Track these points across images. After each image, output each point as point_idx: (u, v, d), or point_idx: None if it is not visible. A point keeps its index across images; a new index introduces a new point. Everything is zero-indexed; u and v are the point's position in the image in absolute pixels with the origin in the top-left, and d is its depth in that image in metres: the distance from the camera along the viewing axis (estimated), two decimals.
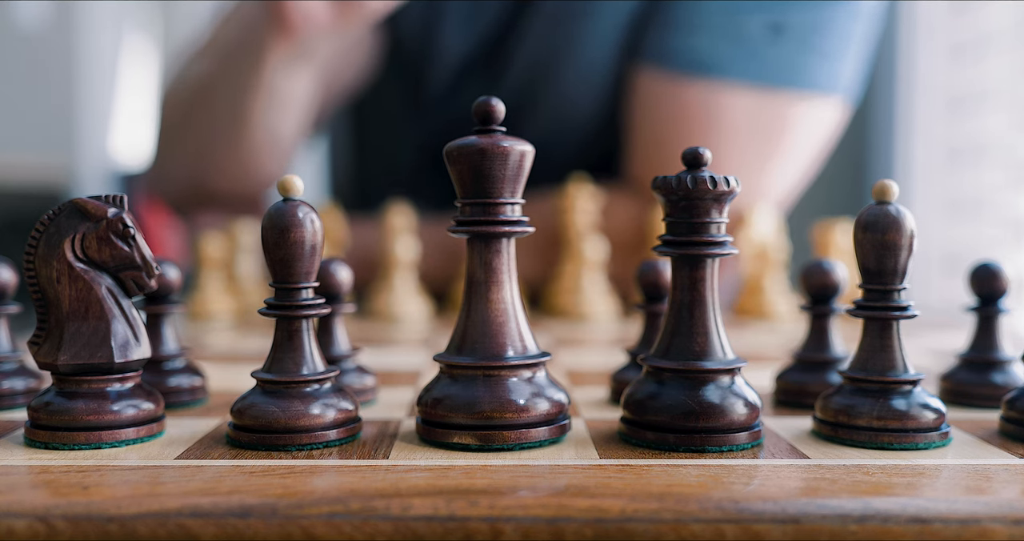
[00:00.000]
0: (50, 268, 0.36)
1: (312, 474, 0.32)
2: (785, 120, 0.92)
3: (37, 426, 0.36)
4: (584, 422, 0.41)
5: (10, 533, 0.28)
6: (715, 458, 0.35)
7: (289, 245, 0.36)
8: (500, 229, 0.37)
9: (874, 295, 0.38)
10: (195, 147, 0.97)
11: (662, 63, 0.92)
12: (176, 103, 1.00)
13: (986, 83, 1.72)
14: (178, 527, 0.28)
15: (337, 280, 0.46)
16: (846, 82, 0.94)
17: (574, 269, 0.88)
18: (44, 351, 0.37)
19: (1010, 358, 0.46)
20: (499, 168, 0.36)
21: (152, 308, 0.45)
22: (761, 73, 0.90)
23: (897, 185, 0.37)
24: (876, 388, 0.37)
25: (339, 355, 0.46)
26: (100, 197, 0.37)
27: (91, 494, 0.30)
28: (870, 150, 2.06)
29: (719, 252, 0.37)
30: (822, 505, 0.29)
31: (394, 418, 0.42)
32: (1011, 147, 1.64)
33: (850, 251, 0.86)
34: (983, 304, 0.46)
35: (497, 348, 0.37)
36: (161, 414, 0.38)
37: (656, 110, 0.93)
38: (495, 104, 0.37)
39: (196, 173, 0.99)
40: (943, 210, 1.84)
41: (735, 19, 0.89)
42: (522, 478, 0.32)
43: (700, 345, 0.37)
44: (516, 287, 0.38)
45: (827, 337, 0.47)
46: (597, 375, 0.55)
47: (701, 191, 0.36)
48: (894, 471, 0.33)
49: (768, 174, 0.93)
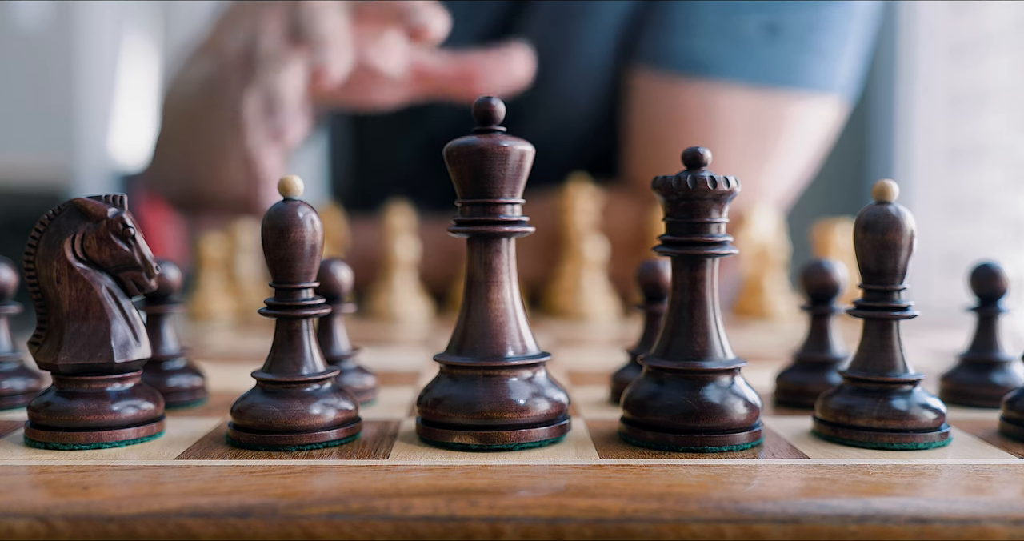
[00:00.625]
0: (50, 268, 0.36)
1: (312, 474, 0.32)
2: (783, 120, 0.92)
3: (37, 426, 0.36)
4: (584, 422, 0.41)
5: (10, 533, 0.28)
6: (715, 458, 0.35)
7: (289, 245, 0.36)
8: (500, 229, 0.37)
9: (874, 295, 0.38)
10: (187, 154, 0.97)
11: (659, 64, 0.92)
12: (177, 105, 1.00)
13: (986, 83, 1.72)
14: (178, 527, 0.28)
15: (337, 280, 0.46)
16: (843, 81, 0.94)
17: (574, 269, 0.88)
18: (44, 351, 0.37)
19: (1010, 358, 0.46)
20: (499, 168, 0.36)
21: (152, 308, 0.45)
22: (758, 73, 0.90)
23: (897, 185, 0.37)
24: (876, 388, 0.37)
25: (339, 355, 0.46)
26: (100, 197, 0.37)
27: (91, 494, 0.30)
28: (870, 150, 2.06)
29: (719, 252, 0.37)
30: (822, 505, 0.29)
31: (394, 418, 0.42)
32: (1011, 147, 1.64)
33: (850, 251, 0.86)
34: (983, 304, 0.46)
35: (497, 348, 0.37)
36: (161, 414, 0.38)
37: (654, 111, 0.93)
38: (495, 104, 0.37)
39: (195, 176, 0.99)
40: (943, 210, 1.84)
41: (732, 19, 0.89)
42: (522, 478, 0.32)
43: (700, 345, 0.37)
44: (516, 287, 0.38)
45: (827, 337, 0.47)
46: (597, 375, 0.55)
47: (701, 191, 0.36)
48: (894, 471, 0.33)
49: (767, 174, 0.93)
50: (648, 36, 0.93)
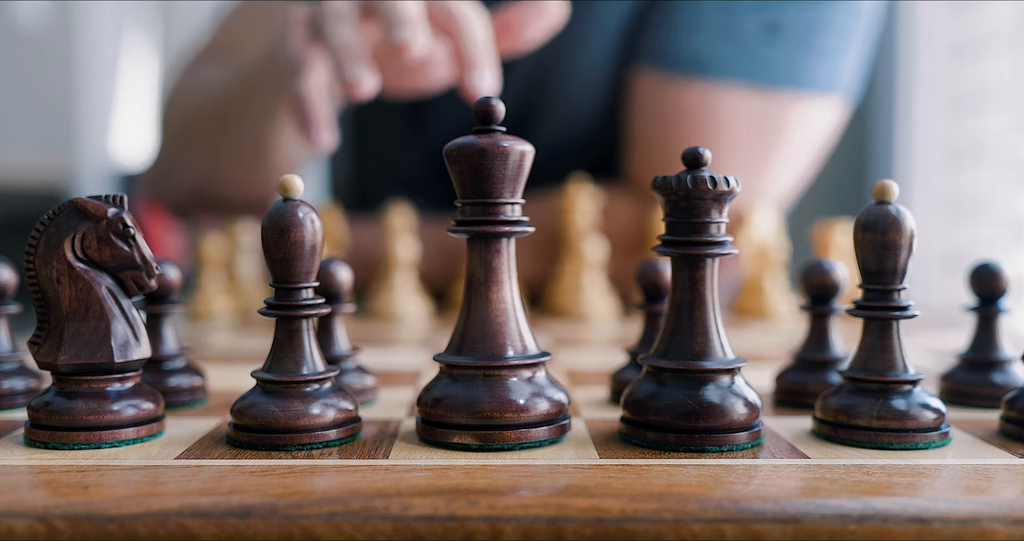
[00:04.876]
0: (50, 268, 0.36)
1: (312, 474, 0.32)
2: (784, 120, 0.92)
3: (37, 426, 0.36)
4: (584, 422, 0.41)
5: (10, 533, 0.28)
6: (715, 458, 0.35)
7: (289, 245, 0.36)
8: (500, 229, 0.37)
9: (874, 295, 0.38)
10: (209, 159, 0.97)
11: (660, 64, 0.92)
12: (186, 111, 1.00)
13: (986, 83, 1.72)
14: (178, 527, 0.28)
15: (337, 280, 0.46)
16: (845, 81, 0.94)
17: (574, 269, 0.88)
18: (44, 351, 0.37)
19: (1010, 358, 0.46)
20: (499, 168, 0.36)
21: (152, 308, 0.45)
22: (759, 73, 0.90)
23: (897, 185, 0.37)
24: (876, 388, 0.37)
25: (339, 355, 0.46)
26: (100, 197, 0.37)
27: (91, 494, 0.30)
28: (870, 150, 2.06)
29: (719, 252, 0.37)
30: (822, 505, 0.29)
31: (394, 418, 0.42)
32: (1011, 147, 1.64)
33: (850, 251, 0.86)
34: (983, 304, 0.46)
35: (497, 348, 0.37)
36: (161, 414, 0.38)
37: (655, 111, 0.93)
38: (495, 104, 0.37)
39: (207, 180, 0.99)
40: (943, 210, 1.84)
41: (733, 19, 0.89)
42: (522, 478, 0.32)
43: (700, 345, 0.37)
44: (516, 287, 0.38)
45: (827, 337, 0.47)
46: (597, 375, 0.55)
47: (701, 191, 0.36)
48: (894, 471, 0.33)
49: (767, 174, 0.93)
50: (650, 36, 0.93)
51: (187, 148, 1.01)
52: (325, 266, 0.46)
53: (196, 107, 0.98)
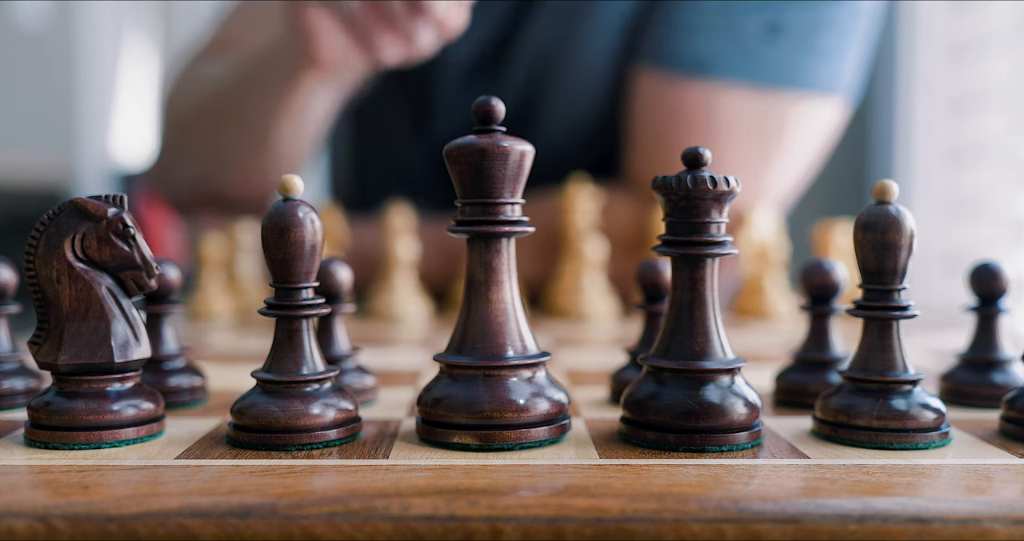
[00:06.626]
0: (50, 268, 0.36)
1: (312, 474, 0.32)
2: (784, 120, 0.92)
3: (37, 426, 0.36)
4: (584, 422, 0.41)
5: (10, 533, 0.28)
6: (715, 458, 0.35)
7: (289, 245, 0.36)
8: (500, 229, 0.37)
9: (874, 295, 0.38)
10: (211, 154, 0.97)
11: (661, 63, 0.92)
12: (188, 107, 1.00)
13: (986, 83, 1.72)
14: (178, 527, 0.28)
15: (337, 280, 0.46)
16: (846, 82, 0.94)
17: (574, 269, 0.88)
18: (44, 351, 0.37)
19: (1010, 358, 0.46)
20: (499, 168, 0.36)
21: (152, 308, 0.45)
22: (760, 73, 0.90)
23: (897, 185, 0.37)
24: (876, 388, 0.37)
25: (339, 355, 0.46)
26: (100, 197, 0.37)
27: (91, 494, 0.30)
28: (870, 150, 2.06)
29: (719, 252, 0.37)
30: (822, 505, 0.29)
31: (394, 418, 0.42)
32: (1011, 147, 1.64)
33: (850, 251, 0.86)
34: (983, 304, 0.46)
35: (497, 348, 0.37)
36: (161, 414, 0.38)
37: (655, 110, 0.93)
38: (495, 104, 0.37)
39: (209, 178, 0.99)
40: (943, 210, 1.84)
41: (734, 19, 0.89)
42: (522, 478, 0.32)
43: (700, 345, 0.37)
44: (516, 287, 0.38)
45: (827, 337, 0.47)
46: (597, 375, 0.55)
47: (701, 191, 0.36)
48: (894, 471, 0.33)
49: (768, 174, 0.93)
50: (651, 35, 0.93)
51: (188, 144, 1.01)
52: (325, 266, 0.46)
53: (196, 103, 0.98)
